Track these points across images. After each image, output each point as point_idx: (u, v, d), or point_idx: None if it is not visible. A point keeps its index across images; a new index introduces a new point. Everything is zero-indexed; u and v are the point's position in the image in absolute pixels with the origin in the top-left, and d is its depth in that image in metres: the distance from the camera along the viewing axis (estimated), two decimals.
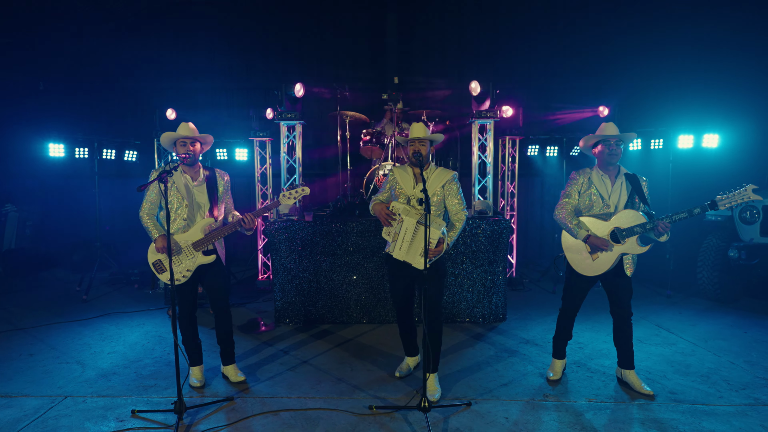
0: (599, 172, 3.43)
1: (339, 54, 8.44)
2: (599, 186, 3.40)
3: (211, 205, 3.48)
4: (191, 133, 3.41)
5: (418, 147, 3.37)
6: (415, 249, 3.25)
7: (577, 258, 3.43)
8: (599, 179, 3.41)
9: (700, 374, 3.76)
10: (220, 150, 7.08)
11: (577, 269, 3.44)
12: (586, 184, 3.42)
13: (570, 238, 3.45)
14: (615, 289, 3.42)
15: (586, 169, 3.50)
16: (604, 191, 3.38)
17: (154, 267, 3.43)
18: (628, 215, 3.28)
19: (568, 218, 3.39)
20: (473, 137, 5.61)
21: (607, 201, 3.37)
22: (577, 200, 3.44)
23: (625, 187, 3.38)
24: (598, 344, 4.44)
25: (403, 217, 3.25)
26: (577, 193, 3.44)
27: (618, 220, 3.30)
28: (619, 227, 3.28)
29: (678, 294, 6.20)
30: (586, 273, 3.40)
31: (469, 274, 5.07)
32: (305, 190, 3.45)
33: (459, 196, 3.45)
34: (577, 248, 3.41)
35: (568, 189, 3.48)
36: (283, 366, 3.97)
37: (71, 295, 6.41)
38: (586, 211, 3.43)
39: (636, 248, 3.26)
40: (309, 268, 5.06)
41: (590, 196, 3.40)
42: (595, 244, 3.28)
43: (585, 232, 3.32)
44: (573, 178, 3.49)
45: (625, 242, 3.26)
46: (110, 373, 3.83)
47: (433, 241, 3.17)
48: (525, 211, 8.25)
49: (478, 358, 4.14)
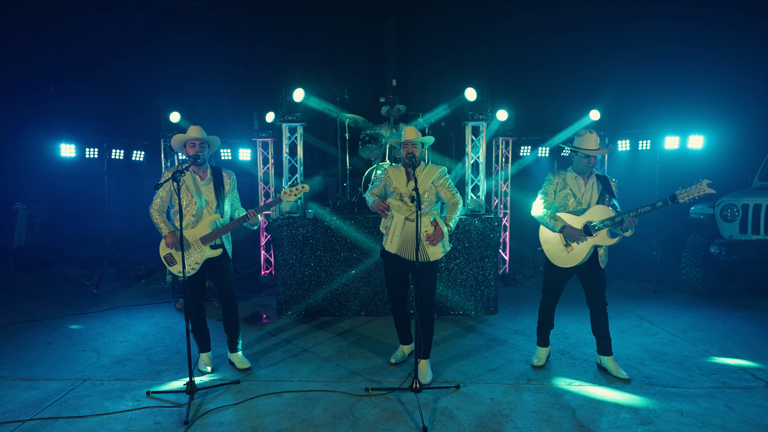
0: (573, 174, 3.73)
1: (339, 58, 8.70)
2: (573, 186, 3.69)
3: (218, 202, 3.74)
4: (200, 135, 3.67)
5: (411, 149, 3.64)
6: (406, 243, 3.53)
7: (554, 250, 3.71)
8: (573, 180, 3.71)
9: (675, 361, 4.02)
10: (224, 150, 7.34)
11: (554, 261, 3.72)
12: (561, 185, 3.72)
13: (547, 231, 3.74)
14: (590, 281, 3.70)
15: (561, 171, 3.79)
16: (578, 191, 3.68)
17: (165, 260, 3.69)
18: (599, 210, 3.57)
19: (544, 214, 3.69)
20: (467, 138, 5.87)
21: (580, 199, 3.67)
22: (553, 198, 3.74)
23: (596, 187, 3.68)
24: (583, 335, 4.70)
25: (394, 213, 3.54)
26: (553, 192, 3.74)
27: (590, 215, 3.59)
28: (590, 221, 3.57)
29: (664, 289, 6.45)
30: (562, 265, 3.68)
31: (462, 269, 5.33)
32: (305, 188, 3.71)
33: (451, 187, 3.69)
34: (554, 241, 3.71)
35: (544, 188, 3.79)
36: (286, 354, 4.24)
37: (82, 289, 6.69)
38: (562, 208, 3.73)
39: (606, 240, 3.54)
40: (310, 263, 5.33)
41: (565, 195, 3.70)
42: (571, 233, 3.57)
43: (561, 223, 3.61)
44: (549, 178, 3.79)
45: (596, 235, 3.55)
46: (124, 360, 4.10)
47: (428, 228, 3.44)
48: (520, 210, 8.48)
49: (468, 346, 4.41)
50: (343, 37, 8.65)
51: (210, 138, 3.75)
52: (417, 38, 8.68)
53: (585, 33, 8.28)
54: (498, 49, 8.58)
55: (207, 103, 8.67)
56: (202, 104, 8.59)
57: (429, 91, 8.64)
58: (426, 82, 8.72)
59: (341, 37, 8.65)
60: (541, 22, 8.50)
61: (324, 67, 8.65)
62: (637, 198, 4.52)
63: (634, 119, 7.68)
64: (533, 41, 8.51)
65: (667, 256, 6.96)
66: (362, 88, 8.49)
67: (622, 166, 7.70)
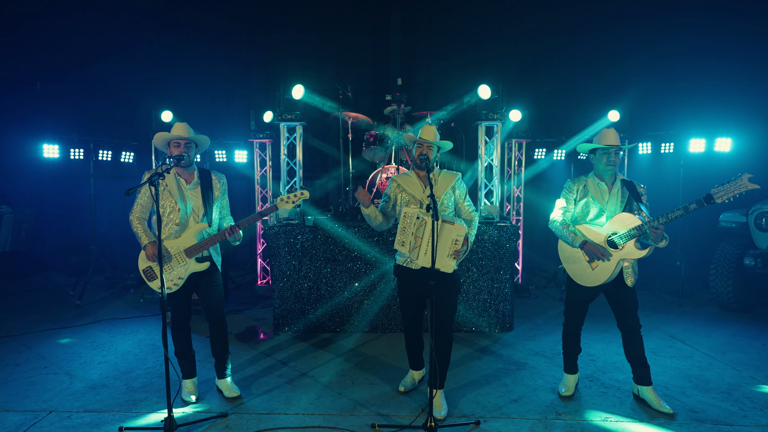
0: (595, 180, 3.29)
1: (341, 55, 8.27)
2: (595, 194, 3.25)
3: (205, 209, 3.30)
4: (186, 134, 3.24)
5: (426, 150, 3.21)
6: (441, 252, 3.05)
7: (576, 268, 3.27)
8: (595, 187, 3.27)
9: (720, 390, 3.56)
10: (219, 152, 6.92)
11: (577, 280, 3.28)
12: (582, 192, 3.28)
13: (567, 247, 3.31)
14: (618, 302, 3.26)
15: (582, 177, 3.36)
16: (600, 199, 3.24)
17: (144, 274, 3.25)
18: (624, 219, 3.12)
19: (563, 226, 3.26)
20: (480, 140, 5.44)
21: (603, 208, 3.23)
22: (572, 208, 3.30)
23: (621, 193, 3.24)
24: (610, 356, 4.25)
25: (425, 218, 3.03)
26: (572, 202, 3.30)
27: (613, 225, 3.15)
28: (615, 232, 3.13)
29: (690, 303, 6.01)
30: (586, 284, 3.24)
31: (475, 281, 4.89)
32: (304, 194, 3.27)
33: (468, 199, 3.37)
34: (575, 258, 3.27)
35: (563, 197, 3.35)
36: (281, 378, 3.78)
37: (65, 299, 6.24)
38: (582, 219, 3.29)
39: (635, 252, 3.08)
40: (309, 274, 4.88)
41: (586, 204, 3.26)
42: (592, 251, 3.13)
43: (581, 238, 3.18)
44: (568, 186, 3.35)
45: (622, 247, 3.10)
46: (99, 386, 3.64)
47: (461, 238, 3.01)
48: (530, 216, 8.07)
49: (485, 370, 3.95)
50: (345, 34, 8.22)
51: (197, 137, 3.32)
52: (423, 35, 8.25)
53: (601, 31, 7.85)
54: (509, 47, 8.14)
55: (203, 103, 8.24)
56: (197, 103, 8.17)
57: (436, 91, 8.21)
58: (433, 81, 8.29)
59: (344, 34, 8.22)
60: (553, 20, 8.06)
61: (325, 66, 8.22)
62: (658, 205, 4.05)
63: (656, 121, 7.23)
64: (545, 39, 8.08)
65: (691, 266, 6.51)
66: (366, 87, 8.06)
67: (642, 170, 7.23)
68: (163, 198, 3.21)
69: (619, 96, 7.01)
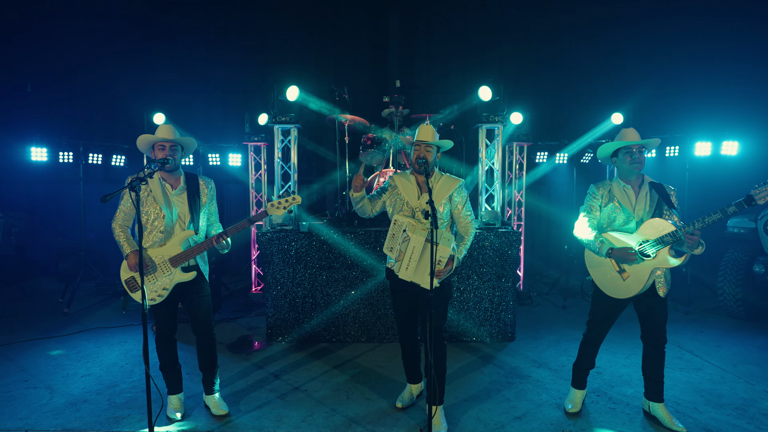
0: (620, 183, 3.09)
1: (339, 57, 8.12)
2: (621, 198, 3.05)
3: (192, 215, 3.12)
4: (171, 136, 3.07)
5: (424, 152, 3.03)
6: (423, 269, 2.89)
7: (605, 278, 3.06)
8: (621, 191, 3.06)
9: (734, 406, 3.38)
10: (212, 155, 6.74)
11: (606, 291, 3.07)
12: (607, 197, 3.08)
13: (595, 256, 3.10)
14: (649, 313, 3.05)
15: (606, 180, 3.16)
16: (628, 203, 3.03)
17: (126, 285, 3.08)
18: (656, 224, 2.91)
19: (589, 235, 3.04)
20: (480, 142, 5.28)
21: (632, 213, 3.01)
22: (598, 215, 3.10)
23: (650, 197, 3.03)
24: (617, 368, 4.07)
25: (410, 234, 2.89)
26: (597, 208, 3.10)
27: (644, 231, 2.94)
28: (646, 239, 2.92)
29: (696, 310, 5.83)
30: (616, 295, 3.03)
31: (476, 289, 4.71)
32: (296, 199, 3.09)
33: (468, 206, 3.13)
34: (604, 267, 3.05)
35: (587, 203, 3.14)
36: (273, 393, 3.60)
37: (53, 307, 6.06)
38: (609, 226, 3.08)
39: (669, 261, 2.88)
40: (304, 282, 4.71)
41: (612, 209, 3.05)
42: (620, 256, 2.92)
43: (607, 246, 2.97)
44: (592, 191, 3.14)
45: (655, 255, 2.89)
46: (80, 401, 3.46)
47: (443, 259, 2.82)
48: (532, 221, 7.90)
49: (486, 384, 3.77)
50: (344, 36, 8.07)
51: (183, 139, 3.15)
52: (423, 37, 8.10)
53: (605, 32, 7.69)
54: (509, 48, 7.99)
55: (198, 106, 8.08)
56: (192, 106, 8.01)
57: (435, 93, 8.06)
58: (432, 83, 8.13)
59: (342, 36, 8.07)
60: (555, 22, 7.91)
61: (323, 68, 8.06)
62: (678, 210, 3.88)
63: (660, 123, 7.06)
64: (547, 40, 7.93)
65: (697, 273, 6.34)
66: (364, 89, 7.90)
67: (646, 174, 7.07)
68: (146, 204, 3.05)
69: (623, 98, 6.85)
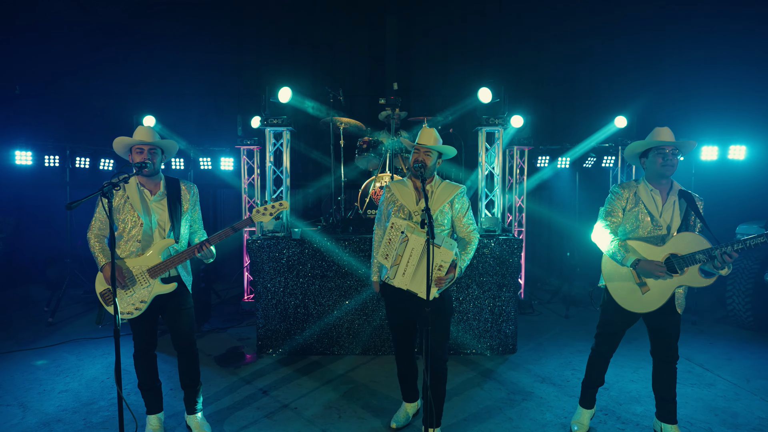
0: (648, 186, 2.84)
1: (335, 59, 7.95)
2: (648, 203, 2.80)
3: (172, 223, 2.92)
4: (149, 138, 2.87)
5: (423, 157, 2.82)
6: (421, 275, 2.67)
7: (623, 290, 2.82)
8: (648, 195, 2.81)
9: (751, 427, 3.18)
10: (204, 159, 6.55)
11: (621, 303, 2.83)
12: (633, 201, 2.83)
13: (613, 265, 2.85)
14: (662, 329, 2.85)
15: (632, 181, 2.92)
16: (654, 209, 2.79)
17: (102, 298, 2.88)
18: (688, 239, 2.68)
19: (611, 241, 2.79)
20: (480, 146, 5.08)
21: (658, 221, 2.78)
22: (621, 218, 2.86)
23: (678, 205, 2.79)
24: (625, 384, 3.87)
25: (409, 234, 2.65)
26: (621, 210, 2.85)
27: (674, 245, 2.71)
28: (676, 253, 2.69)
29: (704, 320, 5.63)
30: (632, 309, 2.80)
31: (476, 299, 4.51)
32: (283, 205, 2.89)
33: (470, 215, 2.92)
34: (623, 277, 2.81)
35: (609, 206, 2.90)
36: (260, 411, 3.39)
37: (38, 316, 5.84)
38: (632, 233, 2.84)
39: (697, 280, 2.67)
40: (295, 291, 4.50)
41: (637, 214, 2.81)
42: (648, 269, 2.67)
43: (633, 256, 2.72)
44: (616, 192, 2.89)
45: (684, 272, 2.67)
46: (54, 420, 3.25)
47: (445, 264, 2.61)
48: (532, 227, 7.71)
49: (487, 401, 3.56)
50: (340, 37, 7.91)
51: (163, 142, 2.94)
52: (421, 38, 7.94)
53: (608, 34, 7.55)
54: (509, 50, 7.83)
55: (190, 109, 7.90)
56: (184, 109, 7.82)
57: (433, 95, 7.89)
58: (430, 85, 7.97)
59: (338, 37, 7.91)
60: (555, 23, 7.76)
61: (319, 71, 7.90)
62: None
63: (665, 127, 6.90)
64: (548, 43, 7.77)
65: None
66: (361, 92, 7.74)
67: None
68: (123, 211, 2.84)
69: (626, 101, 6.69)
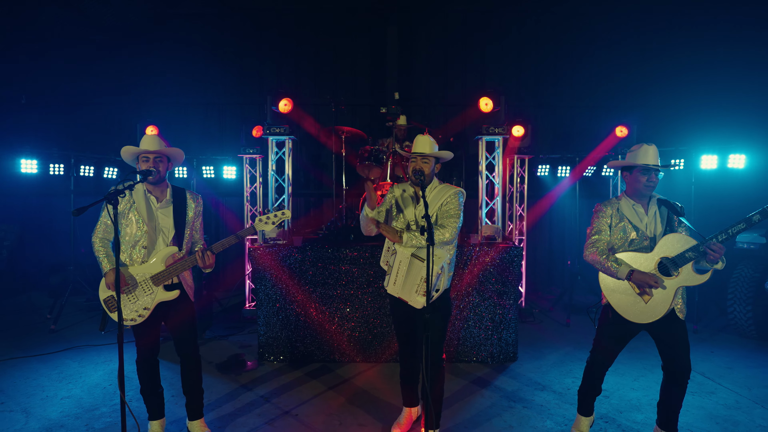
0: (629, 201, 2.88)
1: (337, 69, 8.04)
2: (631, 216, 2.85)
3: (176, 231, 2.96)
4: (155, 147, 2.92)
5: (420, 164, 2.88)
6: (410, 285, 2.75)
7: (626, 301, 2.81)
8: (630, 209, 2.87)
9: None
10: (206, 167, 6.61)
11: (624, 315, 2.81)
12: (617, 216, 2.87)
13: (611, 279, 2.86)
14: (670, 339, 2.80)
15: (612, 198, 2.97)
16: (638, 221, 2.84)
17: (105, 304, 2.91)
18: (674, 240, 2.71)
19: (602, 258, 2.81)
20: (480, 155, 5.13)
21: (644, 232, 2.82)
22: (608, 235, 2.90)
23: (659, 213, 2.85)
24: (625, 391, 3.88)
25: (397, 248, 2.77)
26: (607, 227, 2.89)
27: (662, 248, 2.73)
28: (666, 256, 2.71)
29: (705, 329, 5.64)
30: (636, 320, 2.78)
31: (476, 307, 4.52)
32: (285, 214, 2.94)
33: (457, 214, 2.85)
34: (624, 289, 2.81)
35: (595, 224, 2.92)
36: (261, 418, 3.40)
37: (41, 323, 5.88)
38: (621, 246, 2.86)
39: (693, 278, 2.67)
40: (297, 298, 4.53)
41: (623, 229, 2.85)
42: (642, 280, 2.69)
43: (626, 268, 2.73)
44: (599, 210, 2.93)
45: (678, 273, 2.69)
46: (57, 426, 3.27)
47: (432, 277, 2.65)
48: (533, 235, 7.73)
49: (487, 408, 3.57)
50: (342, 48, 8.00)
51: (169, 150, 3.00)
52: (422, 49, 8.02)
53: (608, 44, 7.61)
54: (510, 61, 7.91)
55: (195, 118, 7.98)
56: (187, 119, 7.90)
57: (434, 105, 7.96)
58: (431, 95, 8.04)
59: (340, 49, 8.00)
60: (555, 32, 7.85)
61: (321, 81, 7.98)
62: None
63: (665, 136, 6.94)
64: (547, 52, 7.85)
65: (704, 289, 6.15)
66: (362, 102, 7.81)
67: None
68: (129, 217, 2.89)
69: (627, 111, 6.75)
